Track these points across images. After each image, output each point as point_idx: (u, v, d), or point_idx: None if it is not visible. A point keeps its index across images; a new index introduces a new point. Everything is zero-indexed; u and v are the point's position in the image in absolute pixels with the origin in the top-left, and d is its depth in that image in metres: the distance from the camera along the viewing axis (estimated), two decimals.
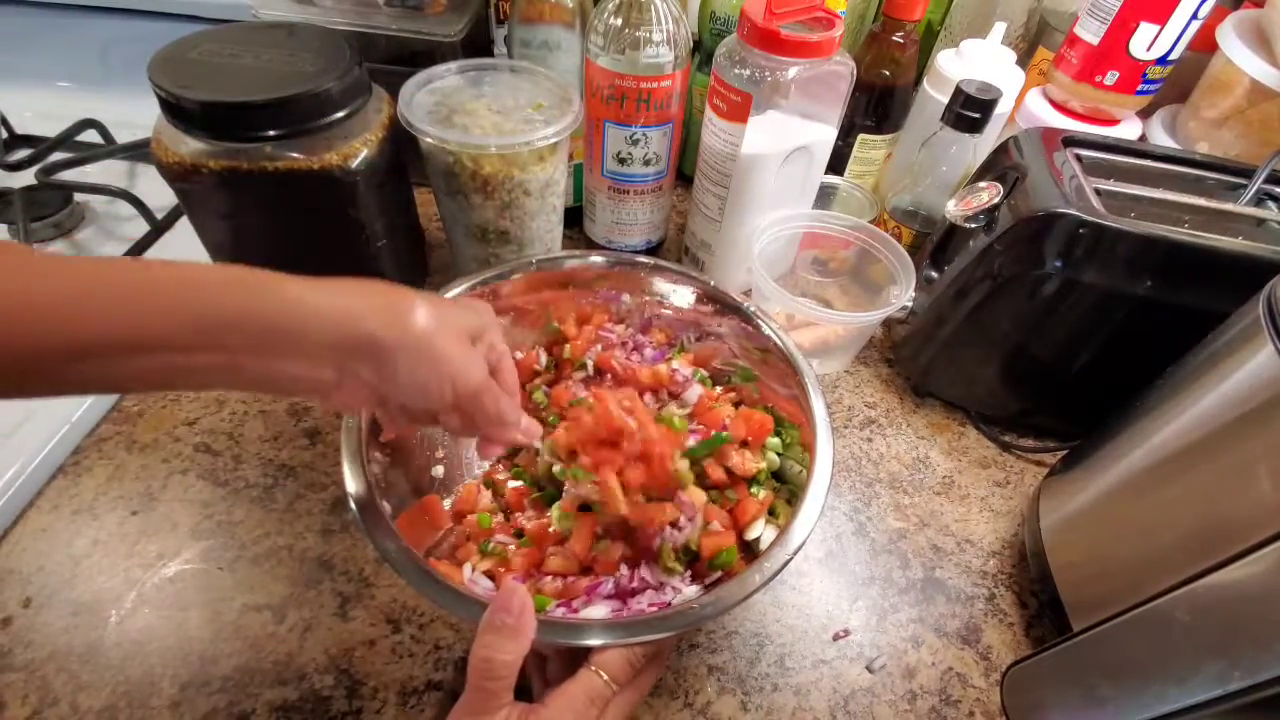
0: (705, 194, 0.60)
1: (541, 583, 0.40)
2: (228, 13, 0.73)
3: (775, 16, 0.49)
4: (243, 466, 0.50)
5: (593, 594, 0.40)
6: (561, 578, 0.41)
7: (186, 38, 0.49)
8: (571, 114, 0.52)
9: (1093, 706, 0.33)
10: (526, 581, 0.41)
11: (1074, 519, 0.45)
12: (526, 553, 0.41)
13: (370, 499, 0.36)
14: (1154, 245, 0.45)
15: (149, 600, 0.43)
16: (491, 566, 0.41)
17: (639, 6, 0.52)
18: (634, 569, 0.41)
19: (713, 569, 0.40)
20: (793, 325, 0.58)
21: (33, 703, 0.39)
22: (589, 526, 0.41)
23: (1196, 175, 0.52)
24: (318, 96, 0.47)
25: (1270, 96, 0.58)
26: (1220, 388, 0.37)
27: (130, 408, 0.52)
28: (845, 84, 0.55)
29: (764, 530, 0.42)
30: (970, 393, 0.59)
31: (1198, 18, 0.56)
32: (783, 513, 0.43)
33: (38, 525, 0.46)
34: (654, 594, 0.40)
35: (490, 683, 0.30)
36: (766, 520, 0.43)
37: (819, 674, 0.44)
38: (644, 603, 0.40)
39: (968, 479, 0.55)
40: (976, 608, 0.48)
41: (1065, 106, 0.65)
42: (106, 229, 0.64)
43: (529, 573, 0.41)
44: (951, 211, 0.53)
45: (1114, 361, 0.50)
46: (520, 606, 0.30)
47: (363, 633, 0.43)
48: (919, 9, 0.62)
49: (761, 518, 0.42)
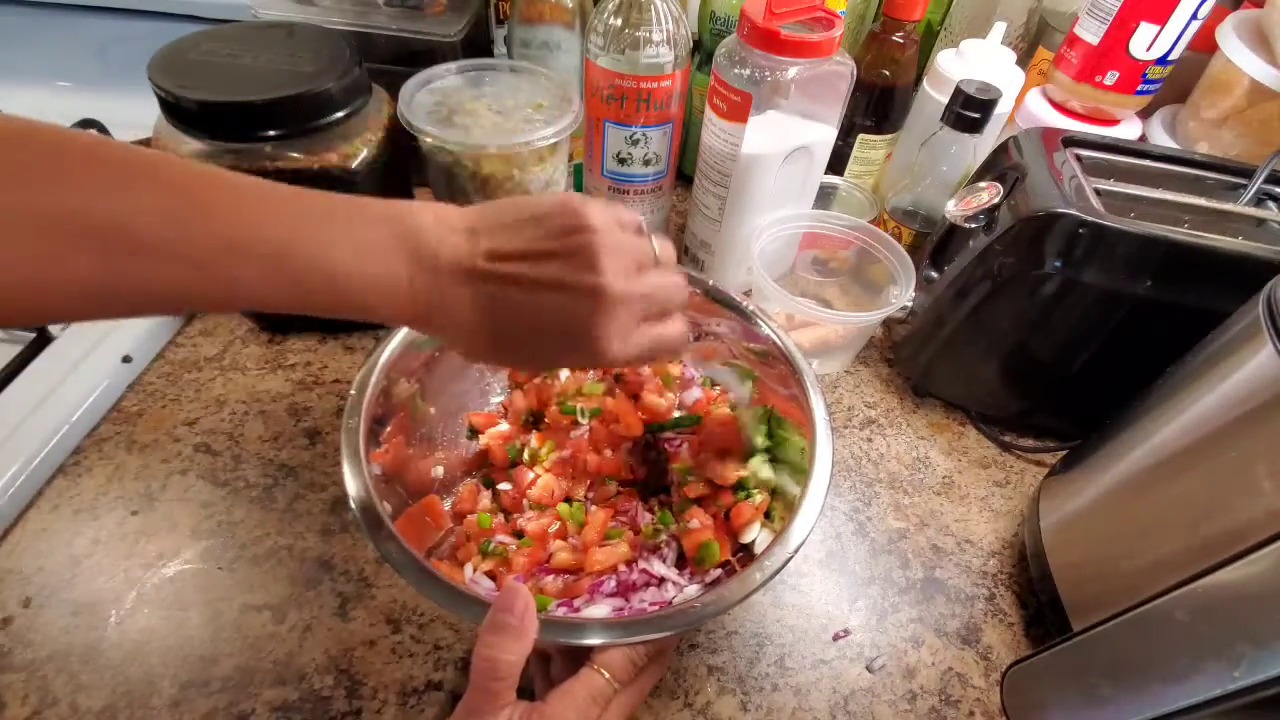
0: (705, 194, 0.60)
1: (544, 582, 0.40)
2: (228, 13, 0.73)
3: (775, 16, 0.49)
4: (243, 466, 0.50)
5: (595, 593, 0.40)
6: (565, 575, 0.41)
7: (186, 38, 0.49)
8: (571, 114, 0.52)
9: (1093, 706, 0.33)
10: (528, 581, 0.41)
11: (1074, 519, 0.45)
12: (528, 552, 0.41)
13: (370, 499, 0.36)
14: (1154, 245, 0.45)
15: (149, 600, 0.43)
16: (493, 567, 0.41)
17: (639, 6, 0.53)
18: (632, 564, 0.41)
19: (699, 565, 0.41)
20: (793, 325, 0.58)
21: (33, 703, 0.39)
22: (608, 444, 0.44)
23: (1196, 175, 0.52)
24: (318, 96, 0.47)
25: (1270, 96, 0.58)
26: (1220, 388, 0.37)
27: (130, 408, 0.52)
28: (845, 84, 0.55)
29: (760, 534, 0.42)
30: (970, 393, 0.59)
31: (1197, 18, 0.56)
32: (779, 517, 0.43)
33: (38, 525, 0.46)
34: (656, 590, 0.40)
35: (494, 683, 0.30)
36: (762, 524, 0.43)
37: (819, 674, 0.44)
38: (646, 600, 0.40)
39: (968, 479, 0.55)
40: (976, 608, 0.48)
41: (1065, 106, 0.65)
42: None
43: (531, 573, 0.41)
44: (951, 211, 0.53)
45: (1114, 361, 0.50)
46: (523, 607, 0.30)
47: (363, 633, 0.43)
48: (919, 9, 0.62)
49: (757, 521, 0.42)
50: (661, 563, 0.41)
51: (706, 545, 0.41)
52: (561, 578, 0.41)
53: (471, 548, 0.42)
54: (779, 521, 0.42)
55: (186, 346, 0.57)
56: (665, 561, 0.42)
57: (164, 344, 0.57)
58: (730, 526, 0.43)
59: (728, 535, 0.42)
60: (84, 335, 0.53)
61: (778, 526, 0.41)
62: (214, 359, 0.56)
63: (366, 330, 0.59)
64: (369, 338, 0.59)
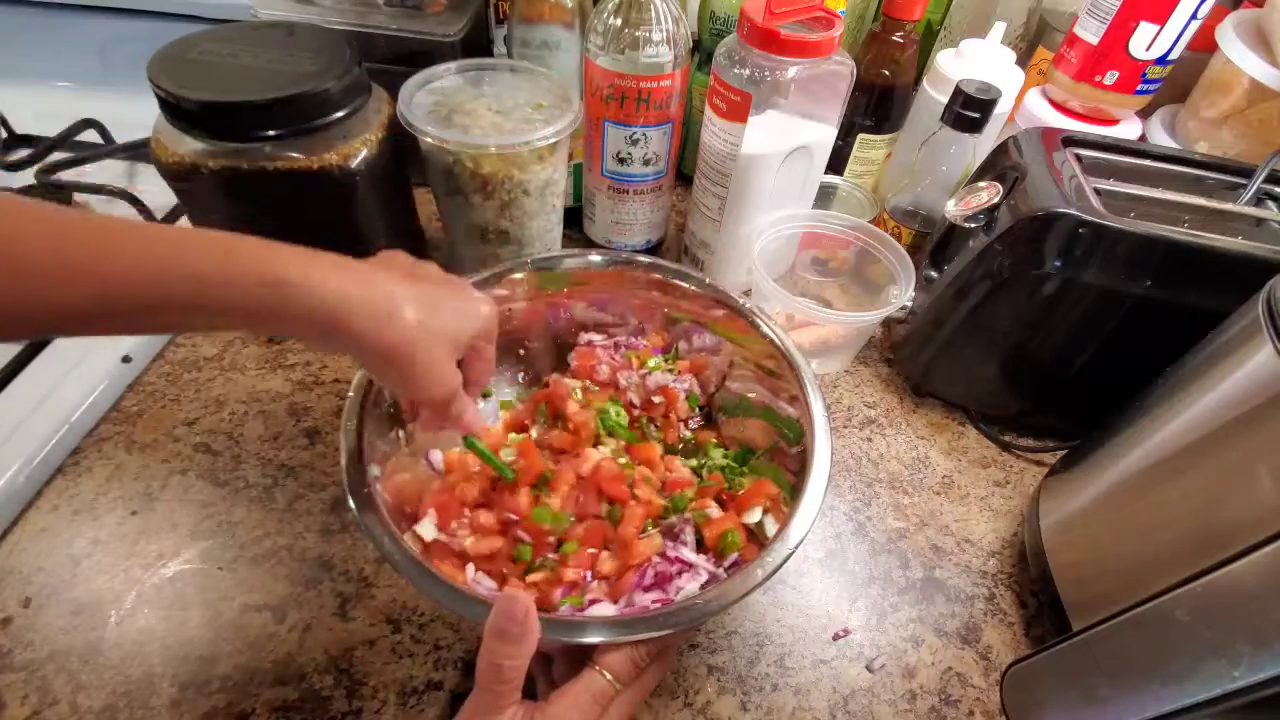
0: (705, 194, 0.60)
1: (589, 586, 0.40)
2: (228, 13, 0.73)
3: (775, 16, 0.49)
4: (242, 466, 0.50)
5: (637, 587, 0.40)
6: (607, 580, 0.41)
7: (186, 38, 0.49)
8: (571, 114, 0.52)
9: (1092, 706, 0.33)
10: (564, 590, 0.40)
11: (1074, 519, 0.45)
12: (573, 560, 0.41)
13: (370, 498, 0.36)
14: (1153, 245, 0.45)
15: (149, 600, 0.43)
16: (542, 579, 0.40)
17: (638, 6, 0.52)
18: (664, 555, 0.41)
19: (722, 556, 0.41)
20: (792, 325, 0.58)
21: (33, 703, 0.39)
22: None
23: (1196, 175, 0.52)
24: (317, 96, 0.47)
25: (1270, 96, 0.58)
26: (1220, 387, 0.37)
27: (130, 408, 0.52)
28: (845, 84, 0.55)
29: (764, 516, 0.43)
30: (970, 392, 0.59)
31: (1197, 17, 0.56)
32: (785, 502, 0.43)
33: (38, 525, 0.46)
34: (690, 576, 0.40)
35: (499, 685, 0.31)
36: (765, 509, 0.43)
37: (819, 674, 0.44)
38: (683, 587, 0.40)
39: (968, 479, 0.55)
40: (976, 607, 0.48)
41: (1065, 106, 0.65)
42: None
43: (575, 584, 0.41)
44: (951, 211, 0.53)
45: (1114, 361, 0.50)
46: (523, 614, 0.30)
47: (363, 633, 0.43)
48: (919, 9, 0.62)
49: (761, 505, 0.43)
50: (687, 548, 0.41)
51: (729, 534, 0.41)
52: (605, 581, 0.41)
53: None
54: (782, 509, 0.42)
55: (186, 346, 0.57)
56: (689, 547, 0.42)
57: (164, 344, 0.57)
58: (737, 507, 0.43)
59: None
60: None
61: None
62: (214, 359, 0.56)
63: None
64: None
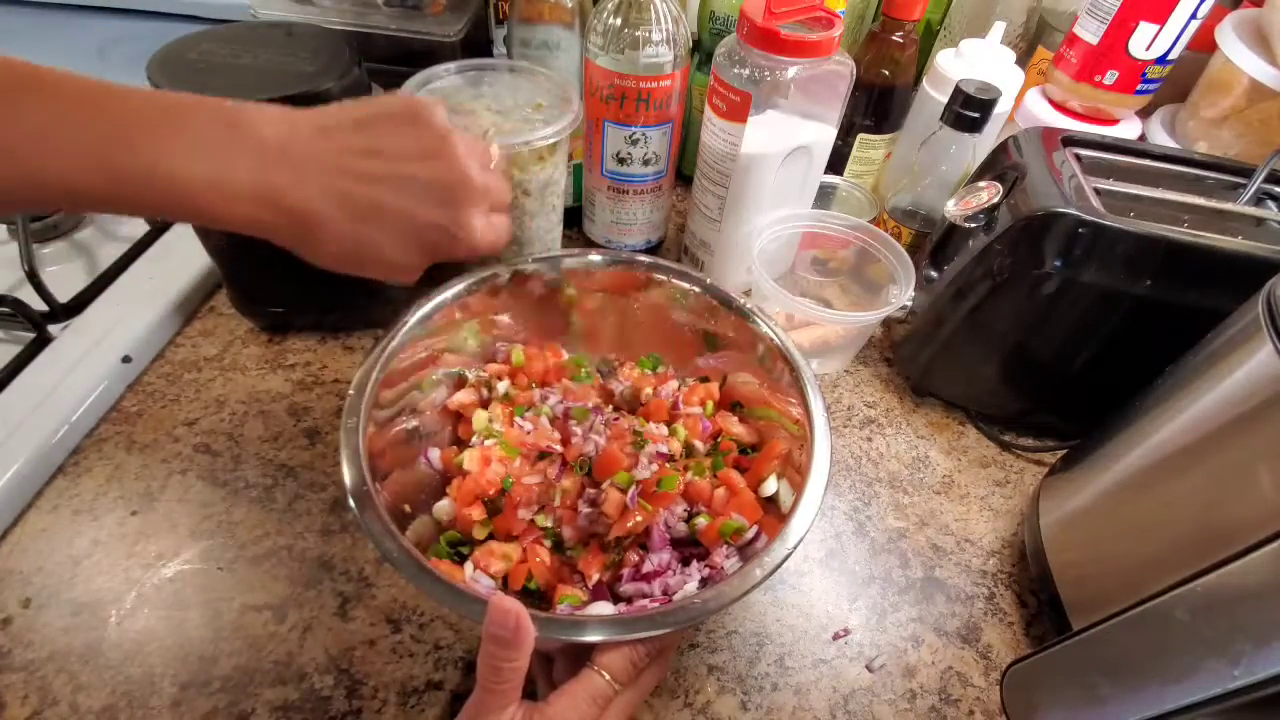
0: (705, 194, 0.60)
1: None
2: (227, 13, 0.73)
3: (775, 16, 0.49)
4: (242, 466, 0.50)
5: (636, 574, 0.40)
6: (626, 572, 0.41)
7: (186, 38, 0.49)
8: (571, 114, 0.52)
9: (1092, 705, 0.33)
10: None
11: (1074, 518, 0.45)
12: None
13: (370, 498, 0.36)
14: (1153, 245, 0.45)
15: (149, 600, 0.43)
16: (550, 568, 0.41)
17: (638, 6, 0.52)
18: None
19: (724, 538, 0.41)
20: (792, 325, 0.58)
21: (33, 703, 0.39)
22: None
23: (1196, 175, 0.52)
24: (317, 96, 0.46)
25: (1269, 96, 0.58)
26: (1220, 387, 0.37)
27: (130, 408, 0.52)
28: (845, 84, 0.55)
29: (779, 483, 0.43)
30: (970, 392, 0.59)
31: (1197, 17, 0.56)
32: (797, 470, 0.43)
33: (38, 525, 0.46)
34: (699, 563, 0.41)
35: (498, 685, 0.31)
36: (779, 474, 0.43)
37: (819, 673, 0.44)
38: (707, 563, 0.41)
39: (967, 478, 0.55)
40: (976, 607, 0.48)
41: (1064, 106, 0.65)
42: (106, 229, 0.64)
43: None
44: (951, 211, 0.53)
45: (1114, 361, 0.50)
46: (514, 622, 0.31)
47: (363, 633, 0.43)
48: (918, 9, 0.62)
49: (774, 470, 0.43)
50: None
51: (724, 525, 0.41)
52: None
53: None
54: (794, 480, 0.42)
55: (186, 346, 0.57)
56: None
57: (164, 344, 0.57)
58: (752, 479, 0.43)
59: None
60: (84, 335, 0.53)
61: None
62: (214, 359, 0.56)
63: (366, 330, 0.60)
64: (368, 337, 0.59)
